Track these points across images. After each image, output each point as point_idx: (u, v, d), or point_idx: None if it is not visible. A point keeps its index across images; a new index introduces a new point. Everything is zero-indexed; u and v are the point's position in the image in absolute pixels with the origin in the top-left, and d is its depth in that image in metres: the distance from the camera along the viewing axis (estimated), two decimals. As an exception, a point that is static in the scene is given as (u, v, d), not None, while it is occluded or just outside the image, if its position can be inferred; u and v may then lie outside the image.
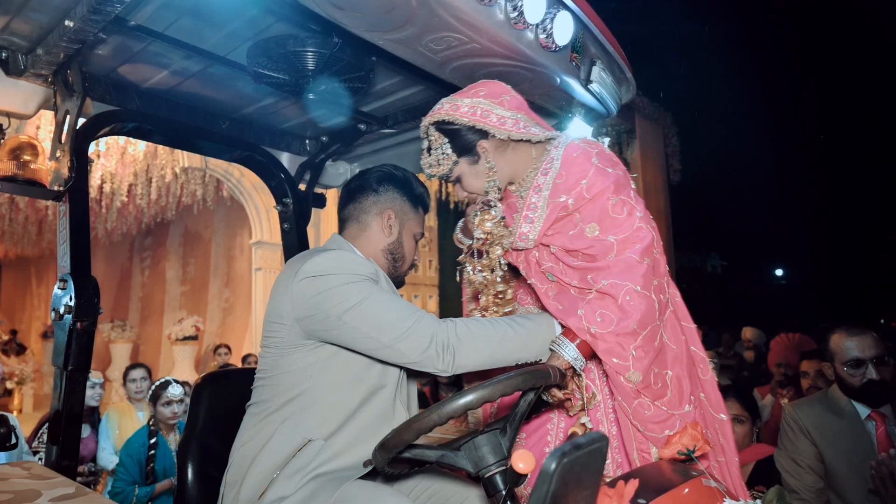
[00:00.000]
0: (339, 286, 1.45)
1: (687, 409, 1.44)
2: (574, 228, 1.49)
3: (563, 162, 1.52)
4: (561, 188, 1.50)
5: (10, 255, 12.76)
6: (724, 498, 1.08)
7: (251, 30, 1.74)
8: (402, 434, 1.11)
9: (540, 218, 1.52)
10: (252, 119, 2.39)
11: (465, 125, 1.53)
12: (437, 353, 1.39)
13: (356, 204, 1.70)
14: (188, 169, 6.95)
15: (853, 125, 17.11)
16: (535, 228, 1.54)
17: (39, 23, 1.62)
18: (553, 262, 1.55)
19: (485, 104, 1.52)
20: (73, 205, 1.78)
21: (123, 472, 3.27)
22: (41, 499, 1.29)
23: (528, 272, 1.60)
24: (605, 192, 1.46)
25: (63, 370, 1.68)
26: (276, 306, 1.54)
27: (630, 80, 1.91)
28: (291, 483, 1.43)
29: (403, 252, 1.70)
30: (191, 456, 1.78)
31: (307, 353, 1.51)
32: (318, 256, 1.51)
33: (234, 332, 8.37)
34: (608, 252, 1.44)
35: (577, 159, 1.50)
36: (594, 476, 0.72)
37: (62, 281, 1.74)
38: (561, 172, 1.51)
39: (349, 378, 1.52)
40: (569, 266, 1.51)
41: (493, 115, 1.52)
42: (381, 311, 1.43)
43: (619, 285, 1.40)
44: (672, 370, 1.46)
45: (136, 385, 4.17)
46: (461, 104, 1.53)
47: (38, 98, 1.88)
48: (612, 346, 1.40)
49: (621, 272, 1.41)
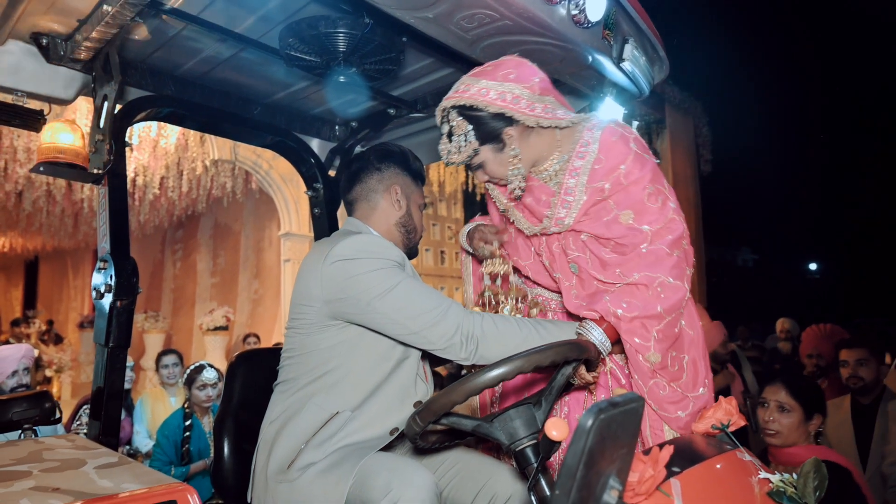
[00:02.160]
0: (370, 272, 1.49)
1: (701, 391, 1.47)
2: (608, 215, 1.48)
3: (601, 145, 1.49)
4: (600, 173, 1.48)
5: (47, 247, 13.13)
6: (759, 471, 1.07)
7: (283, 13, 1.76)
8: (451, 394, 1.12)
9: (578, 202, 1.51)
10: (283, 105, 2.42)
11: (494, 112, 1.47)
12: (461, 342, 1.45)
13: (362, 184, 1.74)
14: (218, 161, 7.06)
15: (890, 116, 16.59)
16: (571, 214, 1.53)
17: (78, 8, 1.67)
18: (580, 252, 1.54)
19: (516, 89, 1.46)
20: (112, 187, 1.83)
21: (160, 453, 3.36)
22: (86, 466, 1.33)
23: (552, 263, 1.60)
24: (642, 180, 1.45)
25: (104, 347, 1.74)
26: (305, 288, 1.57)
27: (663, 58, 1.88)
28: (320, 451, 1.47)
29: (414, 223, 1.77)
30: (226, 431, 1.83)
31: (335, 333, 1.55)
32: (347, 240, 1.54)
33: (263, 323, 8.50)
34: (641, 242, 1.44)
35: (616, 144, 1.48)
36: (630, 435, 0.72)
37: (102, 261, 1.79)
38: (599, 157, 1.48)
39: (375, 355, 1.57)
40: (597, 257, 1.50)
41: (523, 100, 1.46)
42: (411, 300, 1.47)
43: (651, 277, 1.42)
44: (689, 354, 1.48)
45: (169, 371, 4.28)
46: (489, 88, 1.46)
47: (77, 84, 1.93)
48: (636, 326, 1.42)
49: (651, 264, 1.42)
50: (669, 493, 0.94)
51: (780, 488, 1.13)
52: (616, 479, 0.72)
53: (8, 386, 3.17)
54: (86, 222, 9.81)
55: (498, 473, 1.55)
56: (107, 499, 1.12)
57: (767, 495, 1.13)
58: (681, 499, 0.95)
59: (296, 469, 1.47)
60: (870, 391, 3.12)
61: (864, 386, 3.11)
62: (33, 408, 1.78)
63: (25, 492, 1.14)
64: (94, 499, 1.11)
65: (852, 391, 3.18)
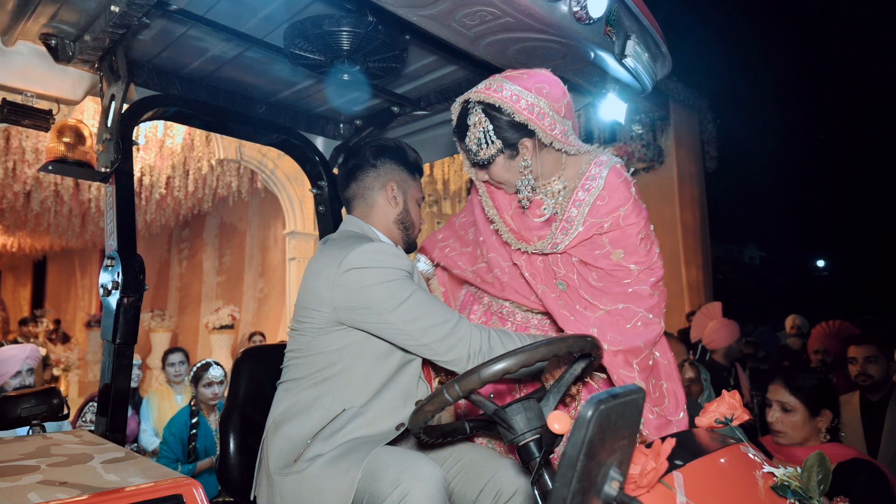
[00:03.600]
0: (384, 283, 1.51)
1: (681, 415, 1.59)
2: (600, 249, 1.58)
3: (606, 183, 1.57)
4: (602, 210, 1.57)
5: (55, 247, 13.22)
6: (762, 466, 1.07)
7: (287, 12, 1.77)
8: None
9: (575, 231, 1.59)
10: (288, 103, 2.43)
11: (518, 121, 1.50)
12: (468, 356, 1.50)
13: (358, 182, 1.75)
14: (223, 161, 7.09)
15: (899, 110, 16.48)
16: (566, 240, 1.60)
17: (86, 10, 1.68)
18: (569, 272, 1.62)
19: (545, 105, 1.50)
20: (120, 186, 1.84)
21: (167, 450, 3.38)
22: (93, 461, 1.35)
23: (535, 276, 1.66)
24: (637, 225, 1.57)
25: (111, 343, 1.75)
26: (315, 292, 1.57)
27: (665, 54, 1.88)
28: (328, 443, 1.50)
29: (412, 219, 1.77)
30: (232, 427, 1.84)
31: (342, 336, 1.56)
32: (361, 248, 1.54)
33: (268, 321, 8.54)
34: (626, 277, 1.56)
35: (620, 186, 1.57)
36: (631, 427, 0.73)
37: (109, 259, 1.81)
38: (603, 194, 1.57)
39: (381, 358, 1.59)
40: (585, 280, 1.61)
41: (548, 118, 1.50)
42: (423, 313, 1.50)
43: (634, 311, 1.55)
44: (667, 381, 1.62)
45: (175, 369, 4.31)
46: (521, 97, 1.49)
47: (85, 84, 1.95)
48: (620, 360, 1.54)
49: (635, 300, 1.56)
50: (672, 486, 0.95)
51: (785, 482, 1.13)
52: (617, 470, 0.73)
53: (11, 386, 3.12)
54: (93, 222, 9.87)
55: (503, 468, 1.56)
56: (113, 493, 1.13)
57: (771, 489, 1.14)
58: (683, 491, 0.95)
59: (303, 461, 1.49)
60: (879, 388, 3.11)
61: (874, 383, 3.10)
62: (41, 404, 1.80)
63: (33, 485, 1.16)
64: (100, 492, 1.13)
65: (861, 388, 3.17)
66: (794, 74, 17.12)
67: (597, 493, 0.70)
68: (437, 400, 1.15)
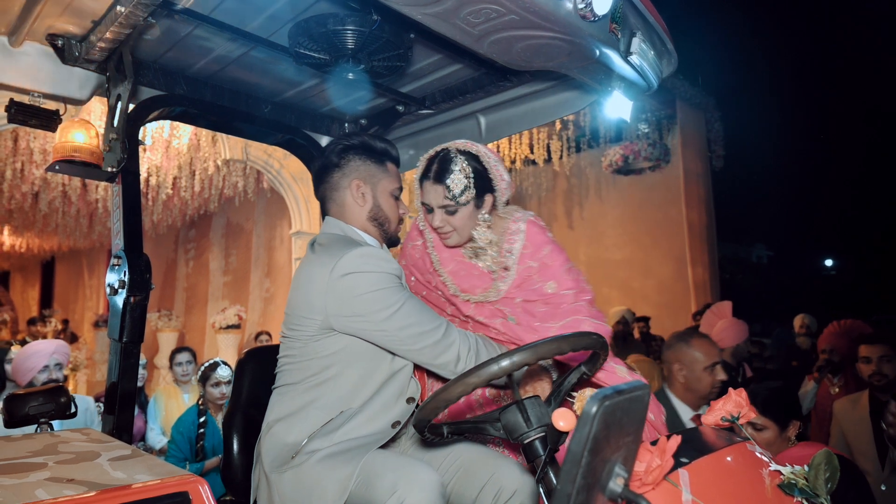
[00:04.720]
0: (376, 290, 1.52)
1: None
2: (535, 285, 1.79)
3: (527, 235, 1.81)
4: (528, 256, 1.80)
5: (63, 247, 13.31)
6: (769, 464, 1.07)
7: (292, 11, 1.78)
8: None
9: (510, 277, 1.80)
10: (293, 103, 2.44)
11: (489, 177, 1.73)
12: (454, 360, 1.55)
13: (326, 184, 1.75)
14: (230, 161, 7.11)
15: (907, 109, 16.35)
16: (504, 287, 1.80)
17: (93, 10, 1.69)
18: (514, 309, 1.80)
19: (504, 173, 1.77)
20: (126, 185, 1.86)
21: (175, 449, 3.40)
22: (100, 459, 1.36)
23: (490, 317, 1.80)
24: (559, 259, 1.80)
25: (118, 342, 1.76)
26: (307, 299, 1.57)
27: (671, 52, 1.87)
28: (326, 440, 1.51)
29: (385, 214, 1.75)
30: (235, 427, 1.85)
31: (335, 341, 1.57)
32: (352, 253, 1.54)
33: (274, 321, 8.56)
34: (564, 301, 1.76)
35: (538, 233, 1.81)
36: (636, 423, 0.72)
37: (116, 258, 1.82)
38: (527, 244, 1.80)
39: (374, 361, 1.60)
40: (531, 313, 1.77)
41: (504, 182, 1.77)
42: (414, 320, 1.54)
43: (580, 319, 1.73)
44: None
45: (182, 368, 4.33)
46: (491, 156, 1.75)
47: (91, 84, 1.96)
48: None
49: (578, 312, 1.74)
50: (677, 484, 0.94)
51: (792, 480, 1.12)
52: (622, 466, 0.72)
53: (39, 381, 3.10)
54: (100, 223, 9.93)
55: (503, 467, 1.56)
56: (120, 489, 1.14)
57: (778, 487, 1.13)
58: (689, 489, 0.95)
59: (302, 455, 1.50)
60: (890, 387, 3.09)
61: (888, 382, 3.08)
62: (49, 402, 1.81)
63: (41, 482, 1.17)
64: (107, 489, 1.13)
65: (873, 388, 3.15)
66: (801, 73, 17.03)
67: (602, 490, 0.70)
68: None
